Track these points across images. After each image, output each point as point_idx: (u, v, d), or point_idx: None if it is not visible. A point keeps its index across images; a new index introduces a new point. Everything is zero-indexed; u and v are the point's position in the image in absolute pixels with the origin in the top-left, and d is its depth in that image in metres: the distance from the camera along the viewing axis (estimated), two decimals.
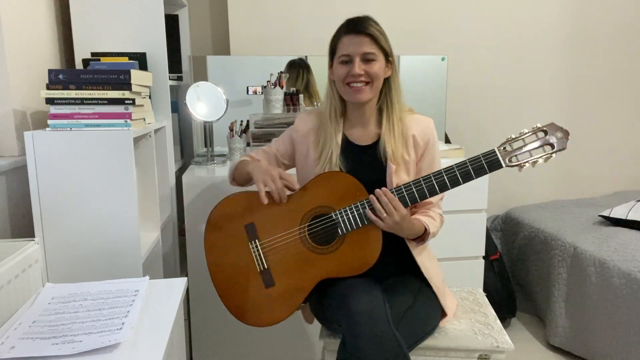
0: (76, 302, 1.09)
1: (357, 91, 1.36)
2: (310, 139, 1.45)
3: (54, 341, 0.92)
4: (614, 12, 2.82)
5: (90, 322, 0.99)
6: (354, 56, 1.34)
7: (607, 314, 1.97)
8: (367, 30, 1.34)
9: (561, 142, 1.27)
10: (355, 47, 1.34)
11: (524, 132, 1.30)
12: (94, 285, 1.18)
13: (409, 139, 1.40)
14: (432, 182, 1.28)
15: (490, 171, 1.27)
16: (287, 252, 1.35)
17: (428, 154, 1.43)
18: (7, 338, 0.95)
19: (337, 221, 1.30)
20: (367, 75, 1.35)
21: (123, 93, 1.40)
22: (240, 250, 1.37)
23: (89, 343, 0.90)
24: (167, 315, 1.02)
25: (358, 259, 1.29)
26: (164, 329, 0.96)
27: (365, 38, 1.34)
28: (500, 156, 1.27)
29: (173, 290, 1.16)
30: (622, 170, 3.02)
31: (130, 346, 0.90)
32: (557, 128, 1.28)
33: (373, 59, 1.34)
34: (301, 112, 1.56)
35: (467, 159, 1.27)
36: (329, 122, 1.42)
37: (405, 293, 1.33)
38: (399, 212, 1.25)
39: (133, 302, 1.06)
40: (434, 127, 1.45)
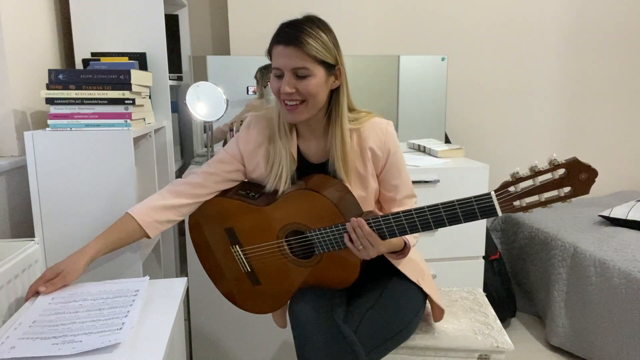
0: (76, 302, 1.09)
1: (291, 110, 1.20)
2: (259, 157, 1.32)
3: (54, 341, 0.92)
4: (614, 13, 2.82)
5: (90, 322, 0.99)
6: (284, 70, 1.17)
7: (607, 314, 1.97)
8: (298, 40, 1.14)
9: (584, 186, 1.00)
10: (285, 61, 1.15)
11: (535, 167, 1.03)
12: (94, 285, 1.18)
13: (365, 152, 1.26)
14: (414, 219, 1.13)
15: (483, 218, 1.08)
16: (269, 261, 1.32)
17: (391, 165, 1.29)
18: (7, 338, 0.95)
19: (313, 240, 1.24)
20: (299, 94, 1.18)
21: (123, 93, 1.40)
22: (225, 252, 1.37)
23: (88, 343, 0.90)
24: (167, 315, 1.02)
25: (337, 277, 1.26)
26: (164, 329, 0.96)
27: (297, 50, 1.14)
28: (496, 202, 1.05)
29: (173, 291, 1.16)
30: (622, 170, 3.02)
31: (130, 346, 0.90)
32: (582, 167, 1.00)
33: (306, 74, 1.16)
34: (249, 118, 1.35)
35: (457, 200, 1.09)
36: (278, 135, 1.28)
37: (369, 291, 1.27)
38: (375, 247, 1.14)
39: (133, 302, 1.06)
40: (393, 132, 1.29)
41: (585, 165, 1.01)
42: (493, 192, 1.06)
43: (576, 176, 1.01)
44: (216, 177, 1.34)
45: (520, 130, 2.87)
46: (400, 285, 1.29)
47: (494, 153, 2.82)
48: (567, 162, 1.00)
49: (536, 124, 2.88)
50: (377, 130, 1.28)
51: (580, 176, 1.01)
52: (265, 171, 1.31)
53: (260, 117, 1.35)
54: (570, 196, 1.02)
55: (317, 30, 1.17)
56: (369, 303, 1.24)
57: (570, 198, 1.02)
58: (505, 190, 1.05)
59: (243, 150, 1.34)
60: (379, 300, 1.25)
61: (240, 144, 1.34)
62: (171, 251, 1.95)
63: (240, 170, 1.36)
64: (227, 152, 1.36)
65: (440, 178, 1.98)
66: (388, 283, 1.30)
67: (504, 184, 1.05)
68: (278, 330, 1.95)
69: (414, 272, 1.32)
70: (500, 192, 1.05)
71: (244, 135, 1.34)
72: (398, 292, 1.28)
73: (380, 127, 1.28)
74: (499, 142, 2.86)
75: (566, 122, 2.91)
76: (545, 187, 1.03)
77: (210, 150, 2.06)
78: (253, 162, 1.34)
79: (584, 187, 1.01)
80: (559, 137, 2.92)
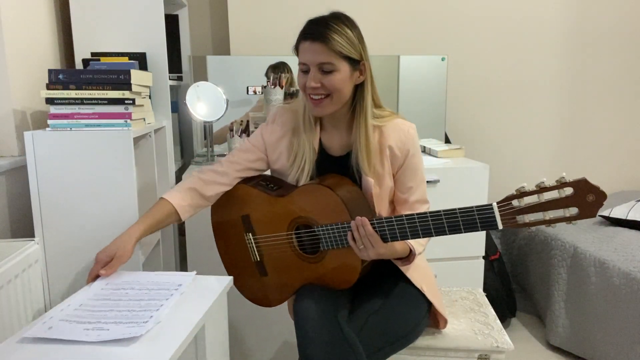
0: (124, 290, 1.11)
1: (315, 104, 1.23)
2: (282, 147, 1.35)
3: (86, 327, 0.94)
4: (613, 13, 2.82)
5: (126, 311, 1.00)
6: (310, 65, 1.20)
7: (607, 314, 1.97)
8: (324, 36, 1.18)
9: (591, 208, 0.97)
10: (311, 56, 1.19)
11: (542, 184, 1.00)
12: (145, 275, 1.20)
13: (384, 150, 1.28)
14: (416, 225, 1.14)
15: (483, 229, 1.07)
16: (278, 252, 1.35)
17: (408, 166, 1.31)
18: (50, 318, 0.98)
19: (319, 235, 1.26)
20: (324, 88, 1.21)
21: (123, 93, 1.40)
22: (239, 239, 1.40)
23: (113, 333, 0.91)
24: (195, 313, 1.00)
25: (337, 277, 1.27)
26: (186, 326, 0.95)
27: (323, 46, 1.18)
28: (497, 214, 1.04)
29: (214, 288, 1.14)
30: (622, 170, 3.02)
31: (149, 340, 0.89)
32: (590, 188, 0.97)
33: (331, 69, 1.19)
34: (277, 109, 1.41)
35: (459, 209, 1.09)
36: (302, 129, 1.31)
37: (374, 296, 1.28)
38: (375, 248, 1.15)
39: (170, 296, 1.06)
40: (415, 135, 1.31)
41: (593, 187, 0.98)
42: (495, 203, 1.04)
43: (583, 197, 0.97)
44: (238, 166, 1.38)
45: (520, 130, 2.87)
46: (405, 292, 1.30)
47: (494, 153, 2.82)
48: (574, 182, 0.98)
49: (536, 124, 2.88)
50: (399, 130, 1.30)
51: (588, 197, 0.97)
52: (287, 162, 1.34)
53: (287, 109, 1.39)
54: (576, 217, 0.98)
55: (343, 26, 1.20)
56: (374, 307, 1.25)
57: (575, 219, 0.99)
58: (509, 204, 1.03)
59: (267, 140, 1.38)
60: (384, 305, 1.26)
61: (265, 134, 1.39)
62: (171, 251, 1.95)
63: (263, 159, 1.40)
64: (251, 142, 1.40)
65: (440, 178, 1.98)
66: (394, 289, 1.31)
67: (507, 197, 1.03)
68: (278, 330, 1.95)
69: (420, 280, 1.33)
70: (502, 205, 1.03)
71: (269, 126, 1.39)
72: (403, 299, 1.29)
73: (402, 128, 1.30)
74: (499, 142, 2.86)
75: (566, 122, 2.91)
76: (550, 205, 1.00)
77: (211, 150, 2.06)
78: (276, 152, 1.37)
79: (591, 210, 0.98)
80: (559, 137, 2.92)
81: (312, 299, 1.21)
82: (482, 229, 1.07)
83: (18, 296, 1.25)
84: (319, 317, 1.16)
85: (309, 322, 1.15)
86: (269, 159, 1.39)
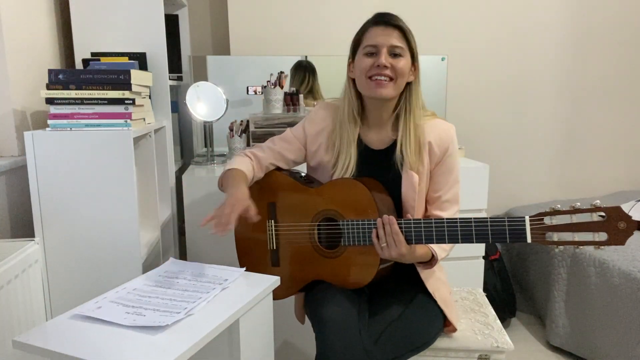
0: (177, 279, 1.13)
1: (379, 85, 1.26)
2: (322, 139, 1.38)
3: (128, 310, 0.97)
4: (614, 12, 2.82)
5: (168, 300, 1.02)
6: (381, 47, 1.26)
7: (607, 314, 1.97)
8: (397, 23, 1.28)
9: (621, 235, 0.98)
10: (384, 38, 1.26)
11: (576, 206, 1.02)
12: (199, 266, 1.21)
13: (424, 146, 1.32)
14: (443, 230, 1.16)
15: (512, 241, 1.09)
16: (295, 242, 1.36)
17: (444, 163, 1.34)
18: (104, 298, 1.02)
19: (342, 230, 1.28)
20: (392, 70, 1.26)
21: (123, 93, 1.40)
22: (260, 224, 1.40)
23: (146, 319, 0.93)
24: (227, 310, 1.00)
25: (351, 276, 1.28)
26: (214, 321, 0.94)
27: (395, 31, 1.27)
28: (528, 228, 1.06)
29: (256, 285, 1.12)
30: (622, 170, 3.02)
31: (173, 331, 0.90)
32: (622, 216, 0.98)
33: (400, 54, 1.27)
34: (318, 104, 1.45)
35: (490, 218, 1.11)
36: (347, 122, 1.34)
37: (393, 305, 1.29)
38: (398, 248, 1.16)
39: (212, 290, 1.07)
40: (454, 135, 1.35)
41: (625, 215, 0.99)
42: (527, 217, 1.07)
43: (614, 223, 0.98)
44: (275, 154, 1.41)
45: (520, 130, 2.87)
46: (425, 303, 1.32)
47: (494, 153, 2.82)
48: (608, 208, 0.99)
49: (536, 124, 2.88)
50: (439, 129, 1.34)
51: (619, 225, 0.98)
52: (325, 155, 1.37)
53: (328, 104, 1.43)
54: (605, 243, 0.99)
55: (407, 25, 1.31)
56: (393, 316, 1.26)
57: (604, 245, 1.00)
58: (541, 219, 1.04)
59: (308, 131, 1.41)
60: (403, 314, 1.27)
61: (306, 125, 1.42)
62: (171, 251, 1.95)
63: (301, 151, 1.43)
64: (292, 132, 1.44)
65: None
66: (414, 299, 1.32)
67: (540, 213, 1.05)
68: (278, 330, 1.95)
69: (434, 287, 1.34)
70: (534, 219, 1.06)
71: (311, 117, 1.42)
72: (422, 310, 1.30)
73: (443, 127, 1.35)
74: (499, 142, 2.86)
75: (566, 122, 2.91)
76: (581, 227, 1.01)
77: (211, 150, 2.06)
78: (315, 144, 1.40)
79: (621, 237, 0.98)
80: (559, 137, 2.92)
81: (337, 305, 1.20)
82: (511, 241, 1.09)
83: (18, 296, 1.25)
84: (342, 321, 1.15)
85: (332, 327, 1.14)
86: (308, 151, 1.42)
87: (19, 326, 1.24)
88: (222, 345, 1.05)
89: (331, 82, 2.41)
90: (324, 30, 2.51)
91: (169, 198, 1.93)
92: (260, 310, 1.10)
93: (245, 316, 1.03)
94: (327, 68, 2.40)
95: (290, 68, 2.38)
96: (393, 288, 1.35)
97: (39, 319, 1.37)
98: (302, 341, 1.95)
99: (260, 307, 1.09)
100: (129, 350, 0.83)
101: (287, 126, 2.14)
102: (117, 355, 0.82)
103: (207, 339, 0.90)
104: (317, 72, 2.40)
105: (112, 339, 0.87)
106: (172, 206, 1.96)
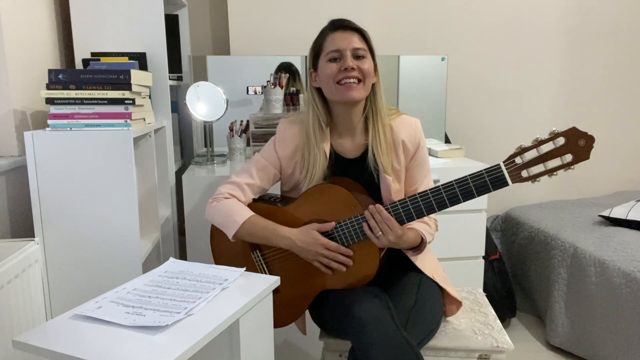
0: (177, 279, 1.13)
1: (349, 88, 1.26)
2: (297, 158, 1.36)
3: (129, 310, 0.97)
4: (614, 12, 2.82)
5: (168, 299, 1.02)
6: (344, 51, 1.26)
7: (607, 314, 1.97)
8: (356, 27, 1.30)
9: (584, 152, 1.08)
10: (346, 42, 1.27)
11: (538, 139, 1.12)
12: (199, 266, 1.20)
13: (398, 145, 1.33)
14: (429, 200, 1.19)
15: (495, 189, 1.14)
16: (289, 263, 1.33)
17: (417, 157, 1.37)
18: (104, 298, 1.01)
19: (333, 235, 1.27)
20: (359, 72, 1.27)
21: (123, 93, 1.40)
22: (245, 258, 1.38)
23: (146, 319, 0.93)
24: (227, 309, 0.99)
25: (357, 273, 1.27)
26: (214, 322, 0.94)
27: (355, 34, 1.29)
28: (506, 172, 1.13)
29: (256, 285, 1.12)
30: (622, 170, 3.02)
31: (174, 331, 0.90)
32: (580, 134, 1.09)
33: (363, 55, 1.28)
34: (282, 123, 1.41)
35: (469, 175, 1.16)
36: (312, 135, 1.33)
37: (406, 292, 1.30)
38: (394, 231, 1.19)
39: (212, 290, 1.07)
40: (421, 128, 1.38)
41: (582, 133, 1.09)
42: (502, 162, 1.13)
43: (575, 143, 1.09)
44: (256, 189, 1.39)
45: (520, 130, 2.87)
46: (430, 285, 1.35)
47: (494, 153, 2.82)
48: (565, 131, 1.10)
49: (536, 124, 2.88)
50: (407, 125, 1.36)
51: (579, 142, 1.09)
52: (300, 175, 1.36)
53: (292, 121, 1.40)
54: (572, 162, 1.10)
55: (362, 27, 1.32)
56: (410, 302, 1.28)
57: (572, 164, 1.10)
58: (512, 161, 1.13)
59: (280, 153, 1.38)
60: (418, 298, 1.29)
61: (278, 148, 1.39)
62: (171, 251, 1.95)
63: (276, 176, 1.41)
64: (264, 158, 1.40)
65: (440, 178, 1.98)
66: (420, 283, 1.34)
67: (510, 155, 1.13)
68: (278, 331, 1.95)
69: (430, 269, 1.37)
70: (508, 163, 1.13)
71: (280, 137, 1.39)
72: (430, 291, 1.33)
73: (410, 123, 1.37)
74: (499, 142, 2.86)
75: (566, 122, 2.91)
76: (548, 156, 1.11)
77: (211, 150, 2.06)
78: (290, 166, 1.38)
79: (584, 153, 1.09)
80: None
81: (368, 302, 1.18)
82: (494, 189, 1.14)
83: (18, 296, 1.25)
84: (378, 317, 1.15)
85: (370, 324, 1.13)
86: (283, 173, 1.41)
87: (18, 326, 1.24)
88: (222, 345, 1.05)
89: None
90: None
91: (169, 198, 1.93)
92: (261, 310, 1.10)
93: (246, 316, 1.03)
94: None
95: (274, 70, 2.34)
96: (400, 276, 1.37)
97: (39, 319, 1.37)
98: (303, 341, 1.95)
99: (260, 307, 1.09)
100: (129, 350, 0.83)
101: None
102: (117, 355, 0.82)
103: (207, 339, 0.90)
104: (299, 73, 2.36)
105: (112, 339, 0.87)
106: (172, 206, 1.96)
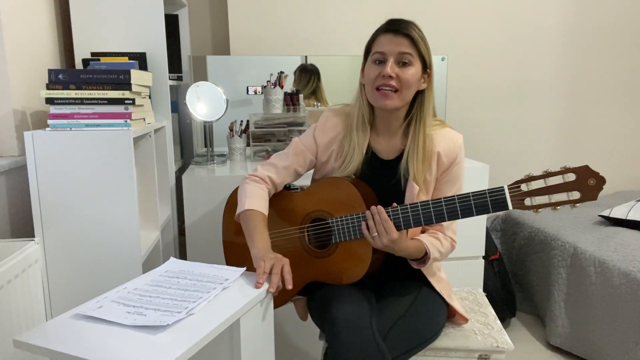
0: (178, 278, 1.13)
1: (384, 96, 1.25)
2: (334, 147, 1.37)
3: (129, 310, 0.96)
4: (613, 12, 2.83)
5: (169, 299, 1.02)
6: (388, 55, 1.25)
7: (607, 314, 1.97)
8: (407, 31, 1.26)
9: (592, 191, 1.06)
10: (392, 46, 1.25)
11: (548, 171, 1.11)
12: (200, 266, 1.20)
13: (433, 156, 1.31)
14: (429, 210, 1.19)
15: (494, 210, 1.13)
16: (285, 248, 1.36)
17: (450, 172, 1.34)
18: (104, 298, 1.01)
19: (332, 228, 1.29)
20: (397, 81, 1.24)
21: (123, 93, 1.40)
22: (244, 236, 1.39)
23: (147, 319, 0.93)
24: (228, 308, 0.99)
25: (345, 271, 1.28)
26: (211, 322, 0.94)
27: (405, 39, 1.25)
28: (508, 196, 1.11)
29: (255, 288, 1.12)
30: (622, 170, 3.02)
31: (174, 331, 0.90)
32: (591, 173, 1.07)
33: (409, 62, 1.25)
34: (326, 112, 1.41)
35: (472, 192, 1.15)
36: (355, 129, 1.33)
37: (399, 301, 1.29)
38: (389, 235, 1.18)
39: (213, 290, 1.07)
40: (462, 146, 1.35)
41: (594, 172, 1.07)
42: (506, 186, 1.12)
43: (585, 182, 1.07)
44: (291, 173, 1.40)
45: (520, 130, 2.87)
46: (430, 296, 1.33)
47: (494, 153, 2.82)
48: (577, 168, 1.08)
49: (536, 124, 2.88)
50: (449, 139, 1.34)
51: (589, 181, 1.07)
52: (335, 164, 1.36)
53: (337, 111, 1.41)
54: (578, 200, 1.07)
55: (420, 31, 1.30)
56: (400, 311, 1.26)
57: (578, 202, 1.07)
58: (517, 187, 1.11)
59: (319, 140, 1.39)
60: (410, 309, 1.28)
61: (317, 134, 1.39)
62: (171, 251, 1.95)
63: (312, 162, 1.41)
64: (302, 143, 1.41)
65: None
66: (419, 293, 1.33)
67: (516, 181, 1.12)
68: (278, 330, 1.95)
69: (439, 285, 1.36)
70: (512, 187, 1.12)
71: (321, 126, 1.40)
72: (428, 302, 1.32)
73: (452, 137, 1.34)
74: (499, 142, 2.86)
75: (566, 122, 2.91)
76: (554, 189, 1.09)
77: (211, 150, 2.06)
78: (326, 154, 1.38)
79: (592, 193, 1.06)
80: (559, 137, 2.92)
81: (349, 303, 1.19)
82: (494, 211, 1.13)
83: (18, 296, 1.25)
84: (354, 319, 1.15)
85: (345, 326, 1.14)
86: (318, 160, 1.41)
87: (19, 326, 1.24)
88: (223, 345, 1.05)
89: (330, 82, 2.41)
90: (324, 30, 2.52)
91: (169, 198, 1.93)
92: (261, 310, 1.10)
93: (246, 316, 1.03)
94: (326, 68, 2.41)
95: (294, 70, 2.38)
96: (399, 285, 1.36)
97: (39, 319, 1.37)
98: (303, 341, 1.95)
99: (261, 307, 1.09)
100: (129, 350, 0.83)
101: (287, 126, 2.15)
102: (118, 355, 0.82)
103: (208, 339, 0.90)
104: (321, 74, 2.41)
105: (113, 339, 0.87)
106: (172, 206, 1.96)
